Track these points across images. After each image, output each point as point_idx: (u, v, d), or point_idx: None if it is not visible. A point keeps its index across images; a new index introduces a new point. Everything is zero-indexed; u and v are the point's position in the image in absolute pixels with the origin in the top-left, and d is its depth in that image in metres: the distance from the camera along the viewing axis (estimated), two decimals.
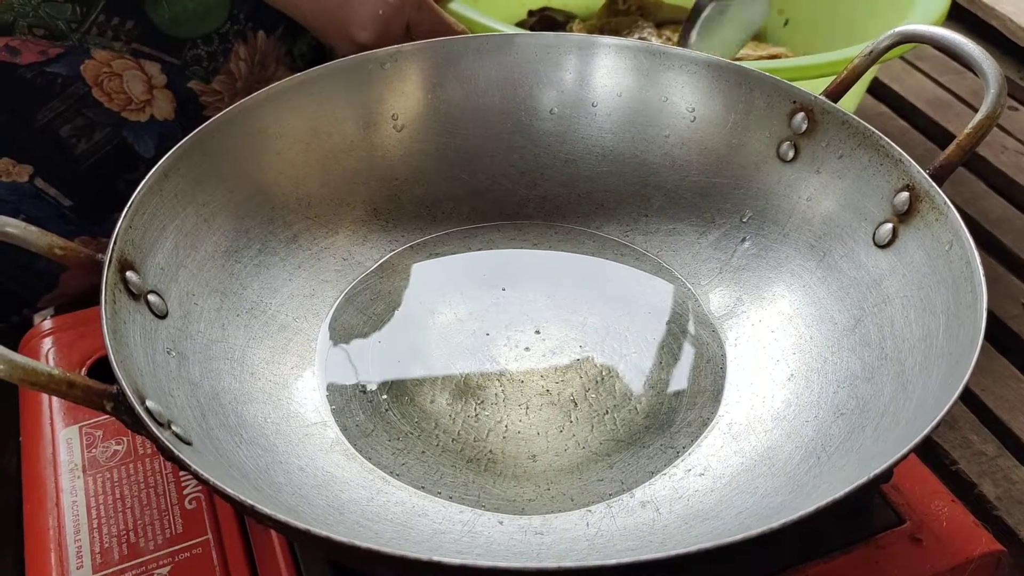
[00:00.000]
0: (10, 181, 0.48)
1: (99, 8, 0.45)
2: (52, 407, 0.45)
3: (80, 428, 0.44)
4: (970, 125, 0.39)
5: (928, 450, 0.52)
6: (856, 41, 0.57)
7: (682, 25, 0.76)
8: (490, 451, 0.40)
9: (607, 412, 0.41)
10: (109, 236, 0.49)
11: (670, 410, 0.41)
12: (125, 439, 0.43)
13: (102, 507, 0.40)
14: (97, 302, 0.34)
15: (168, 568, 0.38)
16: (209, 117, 0.46)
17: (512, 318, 0.46)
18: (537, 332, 0.45)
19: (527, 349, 0.44)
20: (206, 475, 0.29)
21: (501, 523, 0.37)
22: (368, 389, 0.42)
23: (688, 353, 0.44)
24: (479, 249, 0.50)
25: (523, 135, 0.51)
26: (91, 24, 0.45)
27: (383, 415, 0.41)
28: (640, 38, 0.71)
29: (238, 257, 0.44)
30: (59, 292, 0.55)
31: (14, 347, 0.31)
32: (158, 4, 0.47)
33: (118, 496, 0.41)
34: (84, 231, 0.53)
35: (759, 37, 0.78)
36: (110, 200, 0.53)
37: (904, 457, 0.29)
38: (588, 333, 0.45)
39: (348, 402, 0.42)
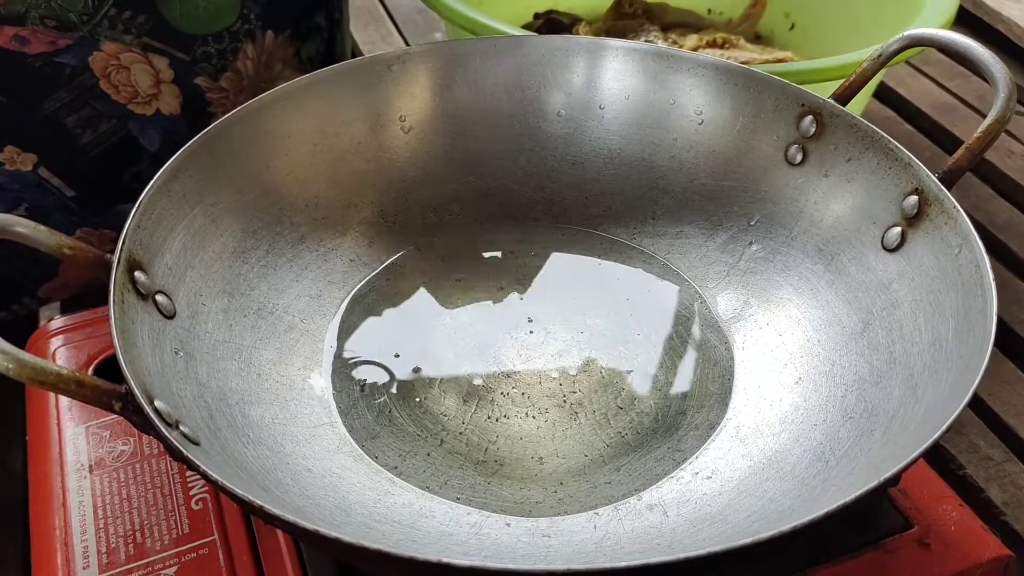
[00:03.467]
0: (14, 169, 0.48)
1: (111, 1, 0.45)
2: (59, 407, 0.45)
3: (87, 428, 0.44)
4: (980, 128, 0.39)
5: (935, 455, 0.52)
6: (862, 46, 0.57)
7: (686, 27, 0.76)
8: (497, 453, 0.40)
9: (614, 415, 0.41)
10: (110, 228, 0.48)
11: (677, 413, 0.41)
12: (132, 439, 0.43)
13: (108, 507, 0.40)
14: (99, 296, 0.34)
15: (174, 568, 0.38)
16: (214, 113, 0.46)
17: (519, 320, 0.46)
18: (544, 334, 0.45)
19: (534, 351, 0.44)
20: (215, 475, 0.29)
21: (508, 525, 0.37)
22: (375, 390, 0.42)
23: (695, 356, 0.44)
24: (486, 251, 0.50)
25: (530, 137, 0.51)
26: (103, 17, 0.45)
27: (390, 416, 0.41)
28: (646, 41, 0.71)
29: (245, 258, 0.44)
30: (60, 281, 0.55)
31: (21, 346, 0.31)
32: (169, 0, 0.47)
33: (124, 496, 0.41)
34: (86, 222, 0.53)
35: (766, 41, 0.78)
36: (113, 192, 0.53)
37: (913, 462, 0.29)
38: (595, 335, 0.45)
39: (355, 403, 0.42)
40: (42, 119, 0.48)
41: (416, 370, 0.43)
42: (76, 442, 0.43)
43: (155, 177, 0.39)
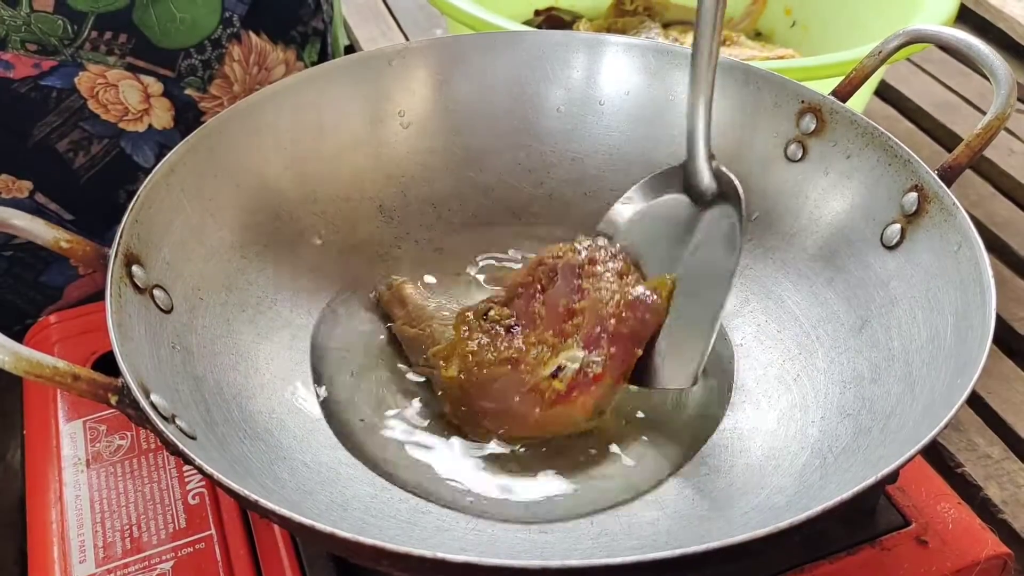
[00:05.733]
0: (10, 197, 0.48)
1: (90, 24, 0.45)
2: (56, 401, 0.45)
3: (84, 423, 0.44)
4: (980, 125, 0.38)
5: (933, 452, 0.51)
6: (862, 43, 0.57)
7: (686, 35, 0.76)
8: (494, 448, 0.40)
9: (612, 409, 0.41)
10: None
11: (675, 409, 0.41)
12: (129, 434, 0.43)
13: (105, 502, 0.40)
14: (98, 294, 0.34)
15: (171, 563, 0.38)
16: None
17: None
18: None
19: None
20: (211, 469, 0.29)
21: (505, 521, 0.37)
22: (373, 385, 0.42)
23: None
24: (485, 247, 0.49)
25: (530, 133, 0.50)
26: (84, 40, 0.44)
27: (388, 411, 0.41)
28: (647, 38, 0.71)
29: (243, 253, 0.44)
30: (63, 303, 0.55)
31: (19, 343, 0.30)
32: (146, 15, 0.47)
33: (121, 491, 0.41)
34: None
35: (767, 38, 0.78)
36: (111, 213, 0.52)
37: (911, 458, 0.29)
38: None
39: (352, 399, 0.42)
40: (33, 146, 0.47)
41: (414, 365, 0.43)
42: (73, 437, 0.43)
43: (153, 171, 0.39)
